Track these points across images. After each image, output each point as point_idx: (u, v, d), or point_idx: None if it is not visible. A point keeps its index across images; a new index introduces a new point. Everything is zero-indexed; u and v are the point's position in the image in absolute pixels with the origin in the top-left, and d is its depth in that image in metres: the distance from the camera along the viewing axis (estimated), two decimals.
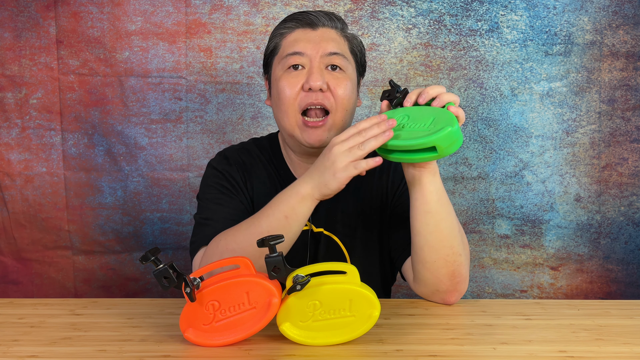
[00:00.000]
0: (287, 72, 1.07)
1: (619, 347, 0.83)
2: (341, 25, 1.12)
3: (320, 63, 1.06)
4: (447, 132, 0.87)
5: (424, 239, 0.99)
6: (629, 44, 1.67)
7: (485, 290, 1.74)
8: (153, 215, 1.69)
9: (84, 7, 1.64)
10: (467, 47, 1.68)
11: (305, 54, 1.06)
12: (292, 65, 1.07)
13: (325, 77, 1.06)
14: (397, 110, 0.95)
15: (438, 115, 0.90)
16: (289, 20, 1.11)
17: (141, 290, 1.72)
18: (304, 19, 1.09)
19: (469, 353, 0.80)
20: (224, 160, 1.17)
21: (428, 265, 1.00)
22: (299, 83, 1.06)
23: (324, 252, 1.13)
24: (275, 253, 0.79)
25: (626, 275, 1.72)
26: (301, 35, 1.08)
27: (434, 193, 0.96)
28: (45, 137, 1.67)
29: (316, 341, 0.82)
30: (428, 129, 0.89)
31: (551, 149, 1.69)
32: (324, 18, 1.09)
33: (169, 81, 1.66)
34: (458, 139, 0.89)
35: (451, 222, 0.99)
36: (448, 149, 0.89)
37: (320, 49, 1.06)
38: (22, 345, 0.83)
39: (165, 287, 0.79)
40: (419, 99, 0.93)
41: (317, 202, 0.95)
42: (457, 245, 0.99)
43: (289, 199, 0.95)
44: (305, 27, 1.09)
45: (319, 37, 1.07)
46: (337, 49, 1.08)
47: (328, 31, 1.09)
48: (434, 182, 0.97)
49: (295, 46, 1.07)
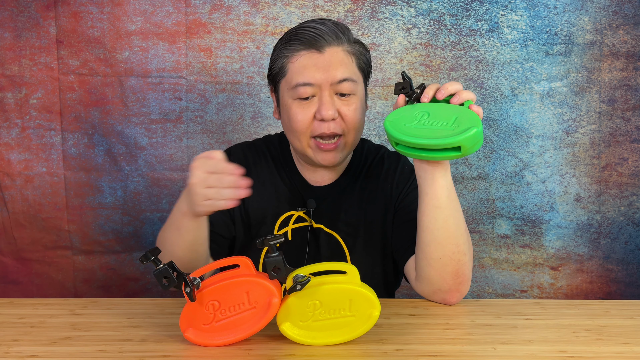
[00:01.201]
0: (298, 102, 1.07)
1: (619, 347, 0.83)
2: (346, 37, 1.08)
3: (330, 91, 1.06)
4: (473, 132, 0.87)
5: (431, 234, 0.99)
6: (629, 44, 1.67)
7: (485, 290, 1.74)
8: (153, 215, 1.69)
9: (84, 7, 1.64)
10: (467, 47, 1.67)
11: (315, 84, 1.05)
12: (303, 97, 1.07)
13: (336, 104, 1.06)
14: (416, 106, 0.95)
15: (460, 114, 0.90)
16: (292, 40, 1.08)
17: (141, 290, 1.72)
18: (308, 39, 1.06)
19: (469, 353, 0.80)
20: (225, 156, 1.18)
21: (433, 262, 1.00)
22: (310, 112, 1.07)
23: (324, 250, 1.14)
24: (275, 253, 0.79)
25: (626, 275, 1.72)
26: (308, 61, 1.06)
27: (444, 188, 0.97)
28: (45, 137, 1.67)
29: (316, 341, 0.82)
30: (452, 127, 0.89)
31: (551, 149, 1.69)
32: (328, 36, 1.06)
33: (169, 81, 1.66)
34: (481, 139, 0.91)
35: (459, 219, 1.00)
36: (472, 148, 0.90)
37: (329, 77, 1.05)
38: (22, 345, 0.83)
39: (165, 287, 0.79)
40: (438, 94, 0.94)
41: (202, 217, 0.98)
42: (462, 244, 1.00)
43: (177, 212, 1.00)
44: (311, 50, 1.06)
45: (327, 63, 1.05)
46: (346, 74, 1.06)
47: (335, 52, 1.06)
48: (446, 177, 0.98)
49: (304, 75, 1.05)
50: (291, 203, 1.15)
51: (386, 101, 1.68)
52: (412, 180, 1.15)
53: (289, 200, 1.16)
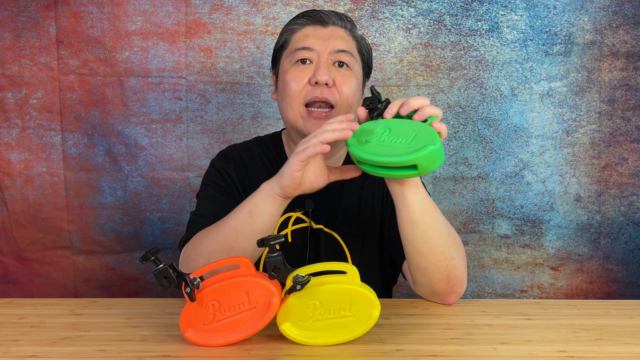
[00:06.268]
0: (295, 66, 1.09)
1: (619, 347, 0.83)
2: (350, 25, 1.14)
3: (328, 59, 1.08)
4: (428, 151, 0.84)
5: (413, 247, 0.99)
6: (629, 43, 1.67)
7: (485, 290, 1.74)
8: (153, 215, 1.69)
9: (84, 7, 1.64)
10: (467, 47, 1.68)
11: (314, 49, 1.08)
12: (301, 59, 1.09)
13: (332, 73, 1.07)
14: (378, 122, 0.92)
15: (420, 131, 0.87)
16: (300, 17, 1.14)
17: (141, 290, 1.72)
18: (315, 17, 1.12)
19: (469, 353, 0.80)
20: (223, 158, 1.19)
21: (421, 270, 1.01)
22: (305, 77, 1.08)
23: (324, 250, 1.14)
24: (275, 253, 0.79)
25: (626, 275, 1.72)
26: (311, 31, 1.10)
27: (416, 204, 0.95)
28: (45, 137, 1.67)
29: (316, 341, 0.82)
30: (410, 145, 0.85)
31: (551, 149, 1.69)
32: (334, 17, 1.12)
33: (169, 81, 1.66)
34: (440, 157, 0.87)
35: (438, 229, 0.98)
36: (429, 167, 0.86)
37: (329, 46, 1.08)
38: (22, 345, 0.83)
39: (165, 287, 0.79)
40: (401, 110, 0.91)
41: (281, 199, 0.94)
42: (447, 251, 0.99)
43: (254, 197, 0.96)
44: (316, 24, 1.11)
45: (329, 35, 1.10)
46: (346, 47, 1.09)
47: (337, 30, 1.11)
48: (416, 193, 0.96)
49: (304, 41, 1.09)
50: (289, 204, 1.14)
51: None
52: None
53: None
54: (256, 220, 0.95)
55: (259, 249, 0.96)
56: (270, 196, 0.94)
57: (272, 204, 0.95)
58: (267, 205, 0.94)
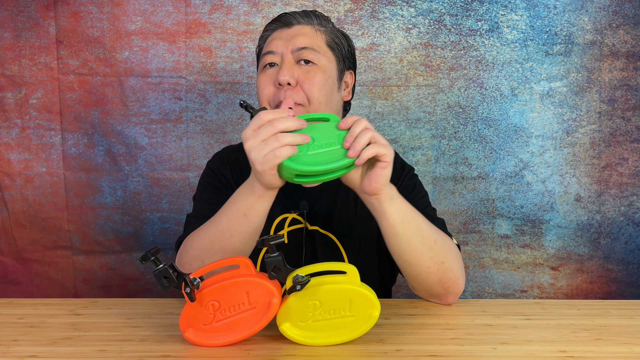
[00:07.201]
0: (263, 71, 1.11)
1: (619, 347, 0.83)
2: (319, 20, 1.13)
3: (291, 59, 1.08)
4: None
5: (401, 258, 0.99)
6: (629, 43, 1.67)
7: (485, 290, 1.74)
8: (153, 215, 1.69)
9: (84, 7, 1.64)
10: (467, 47, 1.67)
11: (277, 51, 1.09)
12: (268, 63, 1.10)
13: (296, 71, 1.07)
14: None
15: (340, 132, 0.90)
16: (271, 23, 1.15)
17: (141, 290, 1.72)
18: (282, 20, 1.13)
19: (469, 353, 0.80)
20: (218, 159, 1.20)
21: (413, 277, 1.02)
22: (271, 80, 1.09)
23: (321, 251, 1.13)
24: (275, 253, 0.79)
25: (626, 275, 1.72)
26: (277, 34, 1.12)
27: (395, 215, 0.95)
28: (45, 137, 1.67)
29: (316, 341, 0.82)
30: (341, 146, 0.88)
31: (551, 149, 1.69)
32: (299, 16, 1.13)
33: (169, 81, 1.66)
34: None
35: (422, 237, 0.97)
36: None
37: (289, 45, 1.09)
38: (22, 345, 0.83)
39: (165, 287, 0.79)
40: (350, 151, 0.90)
41: (273, 191, 0.93)
42: (435, 256, 0.98)
43: (245, 198, 0.95)
44: (282, 27, 1.12)
45: (291, 35, 1.10)
46: (307, 44, 1.09)
47: (302, 28, 1.12)
48: (394, 204, 0.95)
49: (269, 45, 1.11)
50: (284, 205, 1.14)
51: (386, 101, 1.68)
52: (404, 177, 1.15)
53: (281, 203, 1.15)
54: (252, 221, 0.95)
55: (251, 247, 0.97)
56: (262, 196, 0.93)
57: (266, 200, 0.94)
58: (262, 205, 0.94)
